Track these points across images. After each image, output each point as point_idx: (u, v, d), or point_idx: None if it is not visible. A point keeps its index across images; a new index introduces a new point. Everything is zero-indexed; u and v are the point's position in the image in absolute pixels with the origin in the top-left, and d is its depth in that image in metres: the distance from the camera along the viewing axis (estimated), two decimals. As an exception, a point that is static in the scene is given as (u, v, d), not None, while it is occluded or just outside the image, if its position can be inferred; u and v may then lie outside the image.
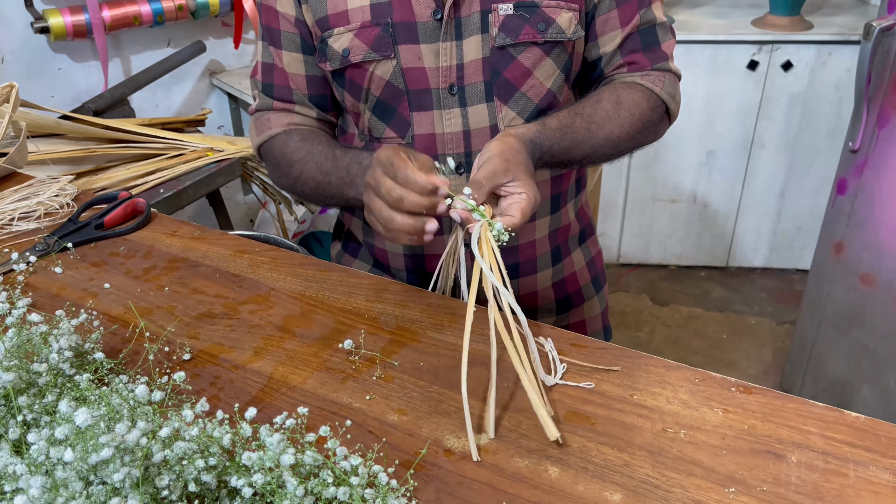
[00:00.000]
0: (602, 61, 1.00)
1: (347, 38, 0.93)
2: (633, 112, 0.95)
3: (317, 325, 0.88)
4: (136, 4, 1.92)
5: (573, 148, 0.92)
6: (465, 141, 0.96)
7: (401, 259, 1.06)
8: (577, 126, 0.92)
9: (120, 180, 1.56)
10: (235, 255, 1.03)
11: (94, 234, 1.07)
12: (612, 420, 0.73)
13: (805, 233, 2.75)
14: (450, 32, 0.92)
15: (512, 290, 0.75)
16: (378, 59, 0.93)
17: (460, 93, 0.94)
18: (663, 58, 1.00)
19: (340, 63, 0.95)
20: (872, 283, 1.82)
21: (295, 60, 1.00)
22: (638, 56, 0.99)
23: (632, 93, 0.97)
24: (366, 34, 0.92)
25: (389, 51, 0.92)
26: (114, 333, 0.86)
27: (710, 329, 2.61)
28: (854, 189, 1.84)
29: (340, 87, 0.99)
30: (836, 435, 0.70)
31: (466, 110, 0.95)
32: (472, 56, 0.93)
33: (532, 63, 0.94)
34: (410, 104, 0.95)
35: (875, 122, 1.76)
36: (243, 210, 2.49)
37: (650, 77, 0.99)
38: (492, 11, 0.91)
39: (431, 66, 0.93)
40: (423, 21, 0.92)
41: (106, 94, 1.86)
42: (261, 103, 1.04)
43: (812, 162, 2.61)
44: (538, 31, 0.92)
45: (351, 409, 0.75)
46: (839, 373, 1.98)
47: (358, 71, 0.95)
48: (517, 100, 0.96)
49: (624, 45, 0.98)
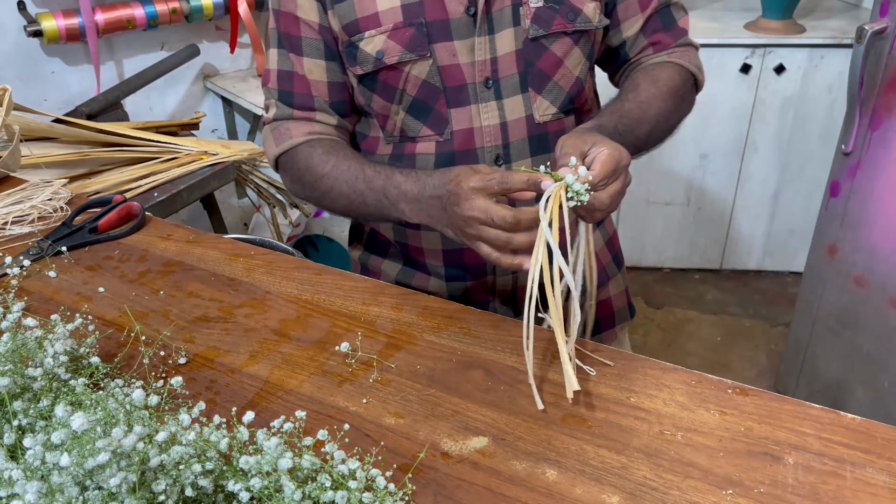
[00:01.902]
0: (626, 45, 1.03)
1: (380, 41, 0.93)
2: (671, 87, 0.99)
3: (313, 329, 0.88)
4: (130, 8, 1.92)
5: (634, 128, 0.94)
6: (502, 133, 0.98)
7: (439, 255, 1.06)
8: (628, 108, 0.95)
9: (114, 184, 1.55)
10: (230, 258, 1.03)
11: (88, 237, 1.07)
12: (609, 422, 0.73)
13: (798, 235, 2.76)
14: (483, 27, 0.94)
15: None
16: (414, 60, 0.94)
17: (495, 86, 0.96)
18: (683, 33, 1.05)
19: (374, 66, 0.95)
20: (866, 285, 1.83)
21: (317, 67, 0.99)
22: (660, 35, 1.03)
23: (664, 70, 1.01)
24: (399, 35, 0.93)
25: (425, 50, 0.93)
26: (109, 338, 0.85)
27: (704, 332, 2.62)
28: (847, 191, 1.85)
29: (370, 90, 0.98)
30: (832, 436, 0.70)
31: (502, 102, 0.97)
32: (505, 49, 0.95)
33: (563, 52, 0.97)
34: (448, 101, 0.96)
35: (867, 124, 1.76)
36: (238, 213, 2.48)
37: (676, 53, 1.03)
38: (523, 4, 0.94)
39: (466, 61, 0.95)
40: (456, 18, 0.93)
41: (99, 97, 1.85)
42: (278, 112, 1.02)
43: (805, 164, 2.62)
44: (568, 21, 0.95)
45: (348, 413, 0.75)
46: (833, 375, 1.99)
47: (392, 72, 0.95)
48: (550, 89, 0.98)
49: (645, 28, 1.02)
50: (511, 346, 0.84)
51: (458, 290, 1.08)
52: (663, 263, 2.93)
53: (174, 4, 1.99)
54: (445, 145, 0.98)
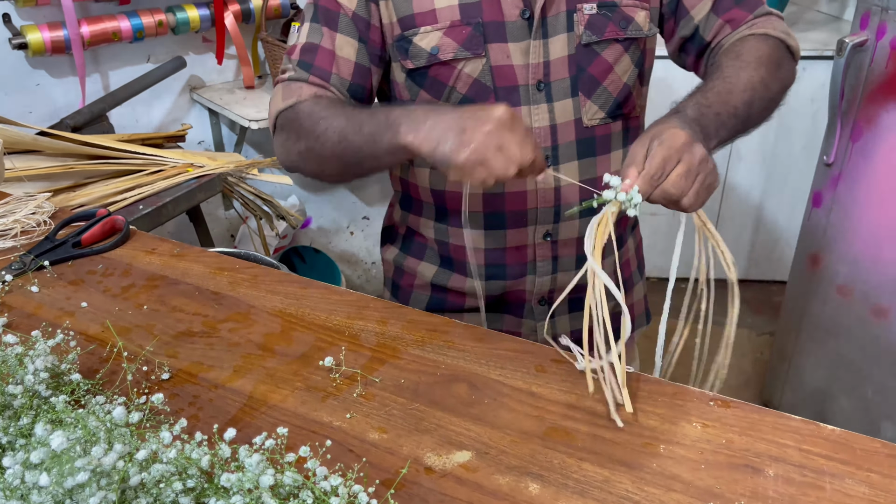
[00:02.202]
0: (700, 29, 1.01)
1: (436, 37, 0.95)
2: (757, 56, 0.95)
3: (297, 343, 0.88)
4: (116, 20, 1.91)
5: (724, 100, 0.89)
6: (551, 135, 1.00)
7: (480, 254, 1.07)
8: (711, 85, 0.91)
9: (98, 197, 1.55)
10: (215, 272, 1.03)
11: (71, 252, 1.06)
12: (592, 435, 0.74)
13: (783, 245, 2.78)
14: (538, 31, 0.96)
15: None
16: (469, 58, 0.96)
17: (546, 89, 0.98)
18: (759, 4, 1.01)
19: (427, 61, 0.96)
20: (849, 294, 1.85)
21: (348, 45, 0.98)
22: (735, 12, 1.00)
23: (745, 43, 0.97)
24: (456, 33, 0.95)
25: (480, 49, 0.95)
26: (91, 353, 0.85)
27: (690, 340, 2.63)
28: (829, 202, 1.87)
29: (418, 85, 0.99)
30: (812, 448, 0.71)
31: (553, 105, 0.99)
32: (558, 53, 0.97)
33: (614, 59, 0.99)
34: (498, 100, 0.97)
35: (849, 136, 1.79)
36: (224, 225, 2.48)
37: (756, 25, 1.00)
38: (577, 11, 0.96)
39: (520, 63, 0.96)
40: (512, 21, 0.95)
41: (84, 109, 1.84)
42: (296, 74, 0.99)
43: (788, 175, 2.64)
44: (620, 29, 0.97)
45: (331, 428, 0.75)
46: (818, 383, 2.00)
47: (444, 69, 0.97)
48: (599, 94, 1.00)
49: (716, 7, 1.00)
50: (495, 360, 0.85)
51: (497, 289, 1.09)
52: (649, 273, 2.92)
53: (160, 17, 1.99)
54: None
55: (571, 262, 1.07)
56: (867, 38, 1.70)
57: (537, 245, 1.05)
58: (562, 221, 1.04)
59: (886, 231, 1.71)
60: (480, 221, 1.04)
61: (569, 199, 1.02)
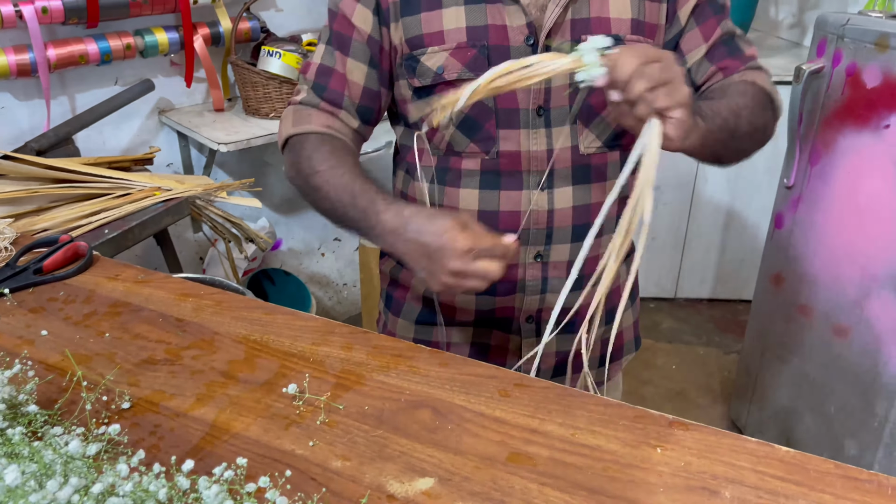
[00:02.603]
0: (692, 72, 1.05)
1: (442, 57, 0.99)
2: (748, 91, 0.99)
3: (261, 370, 0.88)
4: (83, 43, 1.91)
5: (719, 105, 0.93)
6: (548, 159, 1.02)
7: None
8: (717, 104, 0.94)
9: (62, 221, 1.53)
10: (179, 298, 1.02)
11: (32, 279, 1.05)
12: (553, 460, 0.74)
13: (748, 265, 2.83)
14: None
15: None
16: (472, 78, 0.97)
17: (546, 114, 1.01)
18: (751, 59, 1.06)
19: (432, 79, 1.00)
20: (809, 314, 1.89)
21: (358, 69, 1.04)
22: (728, 61, 1.04)
23: (740, 85, 1.01)
24: (461, 54, 0.99)
25: (484, 70, 0.97)
26: (50, 383, 0.84)
27: (660, 359, 2.66)
28: (790, 223, 1.92)
29: (424, 103, 1.03)
30: (767, 469, 0.72)
31: (551, 131, 1.01)
32: (559, 81, 0.99)
33: None
34: (498, 122, 1.01)
35: (807, 159, 1.83)
36: (193, 248, 2.46)
37: (747, 74, 1.04)
38: (581, 41, 0.96)
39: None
40: (517, 46, 0.98)
41: (49, 133, 1.83)
42: (307, 98, 1.06)
43: (752, 197, 2.70)
44: None
45: (294, 456, 0.75)
46: (783, 401, 2.04)
47: (449, 88, 0.99)
48: (597, 124, 1.02)
49: (710, 54, 1.04)
50: (459, 385, 0.85)
51: (487, 304, 1.11)
52: (621, 293, 2.97)
53: (128, 40, 1.98)
54: (490, 163, 1.03)
55: (561, 283, 1.08)
56: (823, 66, 1.76)
57: (528, 265, 1.08)
58: (553, 244, 1.07)
59: (845, 252, 1.76)
60: None
61: (561, 222, 1.05)
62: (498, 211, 1.05)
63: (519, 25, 0.98)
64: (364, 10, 1.02)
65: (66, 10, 1.83)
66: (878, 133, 1.63)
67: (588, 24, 0.99)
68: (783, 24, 2.97)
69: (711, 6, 1.04)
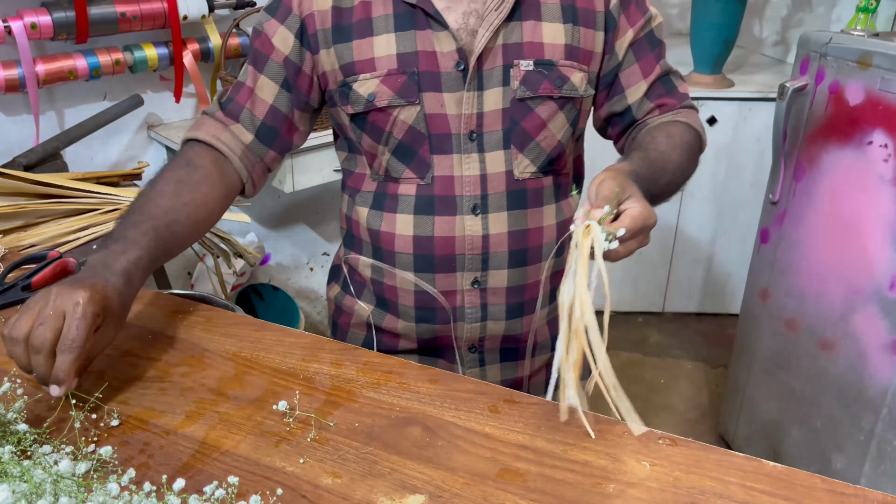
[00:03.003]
0: (632, 109, 1.08)
1: (373, 84, 0.99)
2: (685, 140, 1.04)
3: (251, 387, 0.88)
4: (72, 59, 1.91)
5: (658, 177, 0.97)
6: (481, 184, 1.02)
7: (410, 296, 1.08)
8: (653, 157, 0.98)
9: (50, 236, 1.52)
10: (169, 315, 1.02)
11: (20, 295, 1.04)
12: (543, 476, 0.75)
13: (735, 279, 2.86)
14: (473, 83, 0.99)
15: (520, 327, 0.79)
16: (403, 105, 0.99)
17: (479, 139, 1.01)
18: (685, 97, 1.11)
19: (364, 107, 1.00)
20: (796, 328, 1.90)
21: (269, 87, 1.05)
22: (666, 99, 1.08)
23: (675, 127, 1.05)
24: (392, 81, 0.98)
25: (414, 97, 0.98)
26: (38, 401, 0.83)
27: (648, 374, 2.67)
28: (776, 238, 1.94)
29: (360, 129, 1.03)
30: (755, 484, 0.73)
31: (484, 156, 1.01)
32: (492, 106, 1.00)
33: (547, 116, 1.01)
34: (432, 147, 1.01)
35: (792, 175, 1.86)
36: (181, 263, 2.45)
37: (682, 114, 1.08)
38: (513, 66, 0.99)
39: (453, 113, 0.99)
40: (447, 71, 0.98)
41: (37, 148, 1.82)
42: (209, 108, 1.08)
43: (738, 211, 2.73)
44: (555, 87, 1.00)
45: (284, 474, 0.75)
46: (770, 415, 2.05)
47: (381, 115, 1.00)
48: (532, 148, 1.02)
49: (650, 93, 1.07)
50: (450, 401, 0.85)
51: (427, 332, 1.10)
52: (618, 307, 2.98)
53: (117, 56, 1.99)
54: (426, 189, 1.03)
55: (501, 310, 1.08)
56: (807, 83, 1.78)
57: (466, 291, 1.06)
58: (490, 270, 1.06)
59: (830, 266, 1.78)
60: (410, 264, 1.06)
61: (497, 248, 1.04)
62: (432, 236, 1.04)
63: (449, 51, 0.97)
64: (286, 32, 1.02)
65: (55, 26, 1.83)
66: (862, 149, 1.66)
67: (520, 49, 0.99)
68: (767, 41, 3.01)
69: (649, 41, 1.06)
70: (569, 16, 1.00)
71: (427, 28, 0.98)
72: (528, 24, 0.99)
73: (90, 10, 1.88)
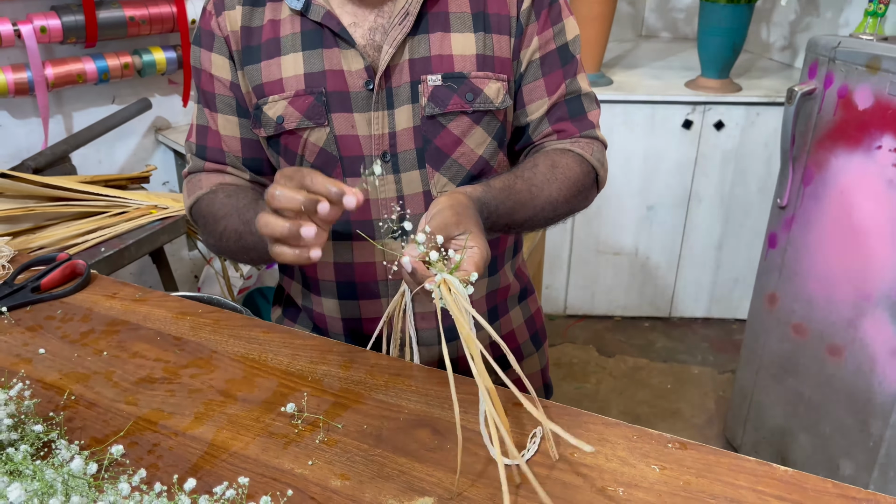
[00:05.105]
0: (530, 128, 1.02)
1: (282, 106, 0.95)
2: (568, 176, 0.98)
3: (259, 389, 0.88)
4: (81, 62, 1.92)
5: (517, 210, 0.93)
6: (400, 208, 0.98)
7: (338, 323, 1.06)
8: (518, 188, 0.94)
9: (59, 239, 1.53)
10: (177, 317, 1.02)
11: (30, 297, 1.05)
12: (552, 479, 0.74)
13: (742, 284, 2.85)
14: (381, 102, 0.94)
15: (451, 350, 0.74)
16: (312, 127, 0.95)
17: (393, 160, 0.96)
18: (590, 126, 1.03)
19: (275, 130, 0.96)
20: (804, 333, 1.89)
21: (230, 123, 1.01)
22: (566, 124, 1.01)
23: (565, 158, 0.99)
24: (300, 102, 0.95)
25: (323, 119, 0.95)
26: (48, 401, 0.84)
27: (654, 379, 2.66)
28: (784, 243, 1.93)
29: (276, 152, 1.00)
30: (766, 489, 0.72)
31: (400, 176, 0.97)
32: (403, 125, 0.95)
33: (462, 131, 0.97)
34: (344, 170, 0.97)
35: (800, 180, 1.85)
36: (188, 266, 2.46)
37: (580, 144, 1.02)
38: (421, 82, 0.94)
39: (364, 133, 0.95)
40: (356, 91, 0.94)
41: (46, 151, 1.83)
42: (193, 166, 1.04)
43: (745, 216, 2.72)
44: (466, 101, 0.95)
45: (293, 475, 0.75)
46: (778, 421, 2.04)
47: (292, 137, 0.97)
48: (449, 166, 0.98)
49: (551, 113, 1.01)
50: (459, 403, 0.85)
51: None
52: (613, 312, 2.98)
53: (126, 59, 2.00)
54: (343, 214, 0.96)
55: (432, 335, 1.04)
56: (815, 87, 1.78)
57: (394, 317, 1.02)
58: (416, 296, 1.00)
59: (838, 271, 1.77)
60: (334, 290, 1.04)
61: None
62: (352, 263, 1.00)
63: (357, 70, 0.93)
64: (219, 58, 0.98)
65: (64, 30, 1.84)
66: (870, 154, 1.65)
67: (428, 63, 0.94)
68: (775, 46, 3.01)
69: (561, 56, 0.99)
70: (479, 24, 0.95)
71: (334, 46, 0.94)
72: (436, 37, 0.94)
73: (99, 13, 1.90)
